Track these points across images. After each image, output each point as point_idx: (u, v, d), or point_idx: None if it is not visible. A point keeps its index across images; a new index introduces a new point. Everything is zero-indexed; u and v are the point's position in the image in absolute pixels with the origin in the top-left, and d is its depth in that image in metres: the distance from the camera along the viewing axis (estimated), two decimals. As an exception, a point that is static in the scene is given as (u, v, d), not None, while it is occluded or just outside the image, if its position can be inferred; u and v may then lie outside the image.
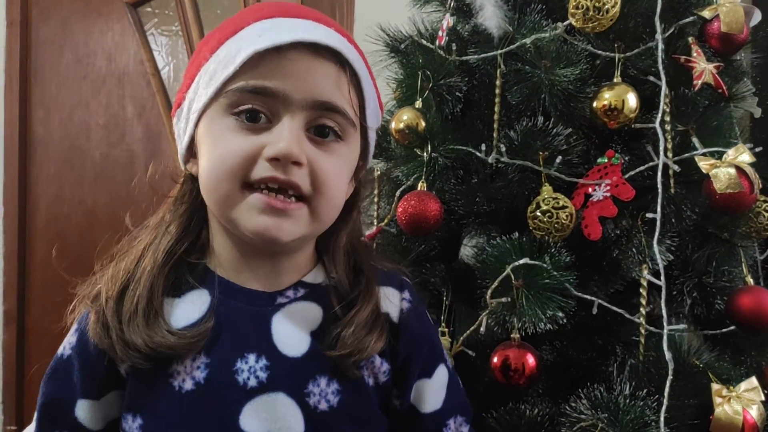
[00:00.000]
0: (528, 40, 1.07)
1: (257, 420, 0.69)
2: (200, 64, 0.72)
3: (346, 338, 0.71)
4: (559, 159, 1.05)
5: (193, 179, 0.75)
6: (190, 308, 0.72)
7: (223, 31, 0.71)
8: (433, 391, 0.79)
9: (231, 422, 0.68)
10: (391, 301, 0.78)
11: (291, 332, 0.72)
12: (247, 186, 0.68)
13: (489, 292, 1.00)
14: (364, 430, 0.75)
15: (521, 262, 1.00)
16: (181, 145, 0.76)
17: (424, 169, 1.08)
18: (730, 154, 1.01)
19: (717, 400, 0.92)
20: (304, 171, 0.68)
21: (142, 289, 0.71)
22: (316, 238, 0.78)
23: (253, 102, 0.68)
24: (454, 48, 1.14)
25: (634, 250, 1.01)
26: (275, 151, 0.66)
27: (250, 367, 0.70)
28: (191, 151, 0.74)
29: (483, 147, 1.08)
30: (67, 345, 0.76)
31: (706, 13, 1.06)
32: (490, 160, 1.08)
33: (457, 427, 0.80)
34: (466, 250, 1.21)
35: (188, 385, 0.69)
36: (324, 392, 0.71)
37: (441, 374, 0.80)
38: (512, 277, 0.99)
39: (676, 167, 1.03)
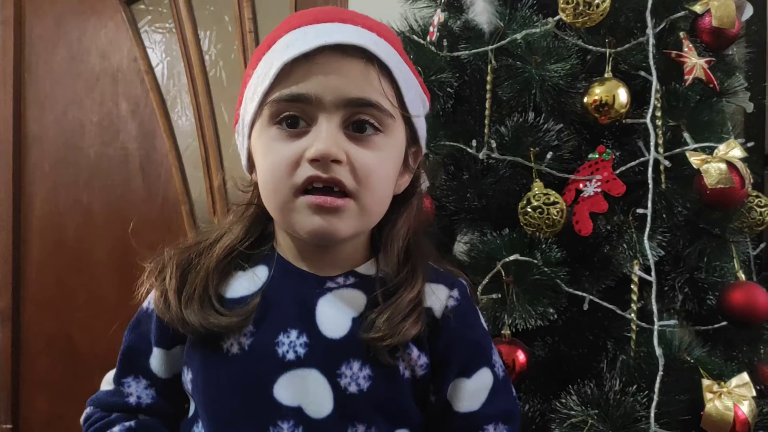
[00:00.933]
0: (519, 36, 1.07)
1: (290, 392, 0.72)
2: (246, 81, 0.77)
3: (380, 323, 0.73)
4: (550, 155, 1.05)
5: (257, 184, 0.80)
6: (247, 282, 0.78)
7: (262, 47, 0.76)
8: (469, 392, 0.78)
9: (266, 389, 0.73)
10: (437, 297, 0.78)
11: (334, 315, 0.75)
12: (298, 191, 0.71)
13: (480, 288, 1.00)
14: (394, 419, 0.75)
15: (512, 258, 1.00)
16: (243, 157, 0.81)
17: (415, 165, 1.08)
18: (721, 149, 1.01)
19: (708, 395, 0.92)
20: (345, 168, 0.71)
21: (201, 277, 0.77)
22: (374, 231, 0.81)
23: (290, 109, 0.72)
24: (445, 44, 1.14)
25: (625, 245, 1.01)
26: (314, 152, 0.69)
27: (291, 342, 0.74)
28: (251, 162, 0.79)
29: (474, 143, 1.08)
30: (150, 300, 0.81)
31: (698, 8, 1.05)
32: (481, 156, 1.08)
33: None
34: (460, 247, 1.21)
35: (234, 349, 0.74)
36: (356, 375, 0.73)
37: (483, 377, 0.79)
38: (503, 273, 0.99)
39: (667, 162, 1.03)
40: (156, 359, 0.79)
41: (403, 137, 0.77)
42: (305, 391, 0.73)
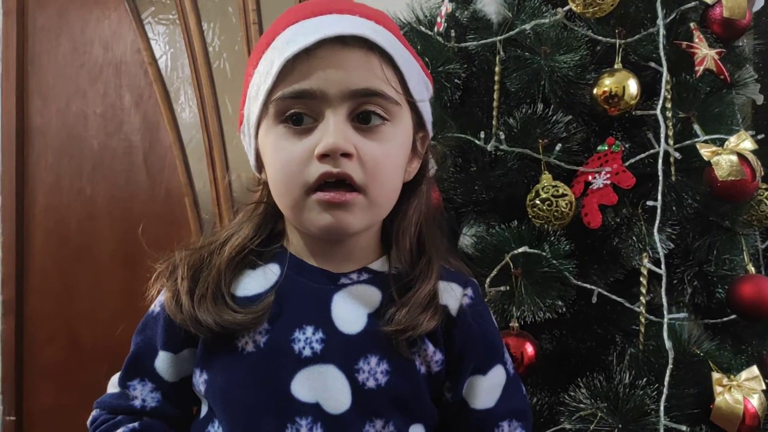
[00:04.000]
0: (528, 26, 1.06)
1: (307, 388, 0.72)
2: (248, 81, 0.77)
3: (400, 317, 0.73)
4: (558, 146, 1.04)
5: (266, 183, 0.80)
6: (259, 281, 0.77)
7: (261, 45, 0.76)
8: (485, 389, 0.79)
9: (284, 386, 0.72)
10: (453, 295, 0.79)
11: (349, 311, 0.75)
12: (310, 190, 0.71)
13: (488, 280, 0.99)
14: (410, 415, 0.75)
15: (520, 250, 0.99)
16: (251, 157, 0.80)
17: (423, 157, 1.07)
18: (732, 141, 1.00)
19: (717, 389, 0.92)
20: (354, 162, 0.70)
21: (213, 276, 0.76)
22: (385, 221, 0.80)
23: (295, 106, 0.71)
24: (452, 34, 1.13)
25: (634, 238, 1.00)
26: (323, 147, 0.69)
27: (307, 338, 0.73)
28: (260, 161, 0.79)
29: (482, 134, 1.08)
30: (157, 303, 0.81)
31: (708, -1, 1.04)
32: (489, 147, 1.07)
33: (511, 431, 0.79)
34: (465, 240, 1.20)
35: (250, 347, 0.74)
36: (373, 371, 0.73)
37: (497, 374, 0.80)
38: (511, 265, 0.99)
39: (677, 154, 1.02)
40: (162, 362, 0.79)
41: (410, 124, 0.77)
42: (323, 386, 0.72)
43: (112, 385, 0.82)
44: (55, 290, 2.14)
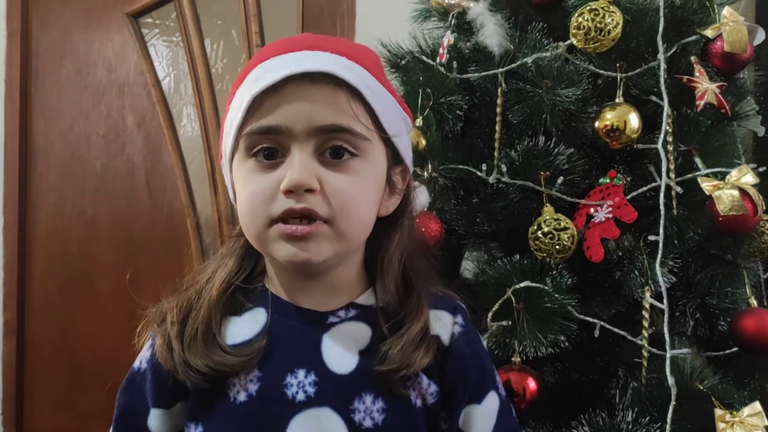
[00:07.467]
0: (529, 59, 1.06)
1: None
2: (225, 116, 0.78)
3: (393, 355, 0.73)
4: (560, 179, 1.04)
5: None
6: (247, 326, 0.77)
7: (237, 81, 0.77)
8: (482, 418, 0.79)
9: None
10: (443, 324, 0.79)
11: (340, 350, 0.75)
12: (273, 222, 0.72)
13: (490, 315, 0.99)
14: None
15: (522, 284, 0.99)
16: (230, 191, 0.81)
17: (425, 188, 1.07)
18: (734, 175, 1.00)
19: (720, 425, 0.91)
20: (319, 197, 0.70)
21: (202, 316, 0.76)
22: (367, 257, 0.81)
23: (264, 141, 0.72)
24: (454, 66, 1.13)
25: (636, 271, 1.00)
26: (287, 183, 0.69)
27: (299, 382, 0.73)
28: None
29: (484, 166, 1.08)
30: (142, 359, 0.80)
31: (709, 32, 1.04)
32: (490, 179, 1.07)
33: None
34: (467, 272, 1.20)
35: (242, 396, 0.74)
36: (369, 410, 0.73)
37: (491, 401, 0.80)
38: (513, 300, 0.99)
39: (678, 188, 1.02)
40: (156, 420, 0.78)
41: (383, 159, 0.77)
42: (319, 430, 0.72)
43: None
44: (56, 311, 2.14)
